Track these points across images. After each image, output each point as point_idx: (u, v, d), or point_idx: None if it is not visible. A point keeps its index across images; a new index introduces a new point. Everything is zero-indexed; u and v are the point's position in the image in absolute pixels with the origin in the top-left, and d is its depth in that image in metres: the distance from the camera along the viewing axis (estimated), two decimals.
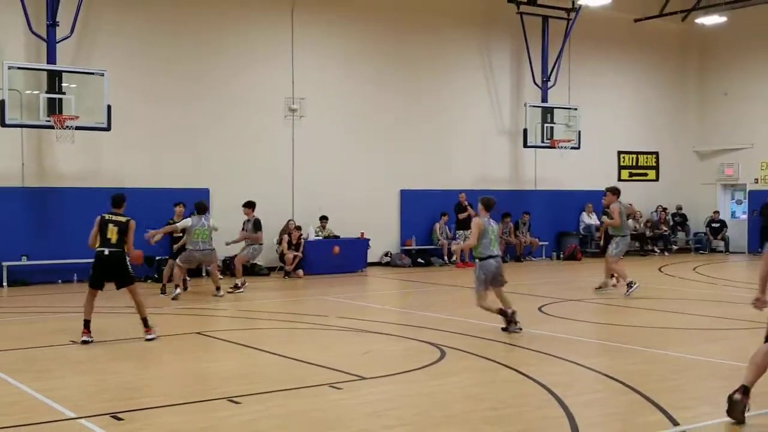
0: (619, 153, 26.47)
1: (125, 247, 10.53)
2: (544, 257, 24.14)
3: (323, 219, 20.41)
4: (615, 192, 15.94)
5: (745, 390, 6.96)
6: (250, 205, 16.78)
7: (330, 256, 19.78)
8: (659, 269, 20.99)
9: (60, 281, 17.86)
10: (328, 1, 21.22)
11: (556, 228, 24.64)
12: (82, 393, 8.18)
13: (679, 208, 27.02)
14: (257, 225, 16.72)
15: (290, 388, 8.10)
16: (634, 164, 26.81)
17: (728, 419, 6.91)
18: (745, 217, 26.79)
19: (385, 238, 22.04)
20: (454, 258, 21.91)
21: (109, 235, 10.44)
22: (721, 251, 26.89)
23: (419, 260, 22.03)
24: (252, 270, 18.97)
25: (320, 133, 21.04)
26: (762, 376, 7.16)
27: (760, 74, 26.10)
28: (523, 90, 24.18)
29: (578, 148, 23.88)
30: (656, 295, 16.26)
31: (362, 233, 20.62)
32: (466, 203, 21.83)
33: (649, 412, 7.31)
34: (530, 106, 23.42)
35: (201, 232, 15.12)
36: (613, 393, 8.11)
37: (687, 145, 27.62)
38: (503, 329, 11.36)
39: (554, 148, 23.63)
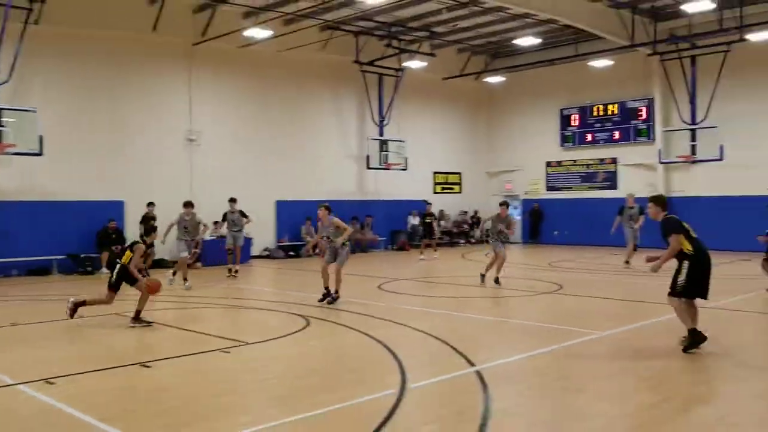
0: (435, 173, 26.94)
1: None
2: (382, 249, 24.38)
3: (216, 224, 19.76)
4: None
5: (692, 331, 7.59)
6: (190, 205, 14.35)
7: (222, 252, 19.16)
8: (462, 256, 21.56)
9: (2, 275, 16.50)
10: (218, 59, 20.60)
11: (391, 227, 24.92)
12: (17, 364, 7.56)
13: (476, 212, 27.96)
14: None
15: (190, 354, 7.79)
16: (445, 181, 27.32)
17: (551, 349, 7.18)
18: (519, 218, 28.03)
19: (264, 236, 21.62)
20: (318, 250, 21.77)
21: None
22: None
23: (290, 253, 21.75)
24: (160, 263, 18.11)
25: (214, 157, 20.43)
26: (697, 315, 7.71)
27: (528, 117, 27.15)
28: (365, 126, 24.31)
29: (405, 169, 24.23)
30: (462, 273, 16.80)
31: (247, 233, 20.07)
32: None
33: (455, 357, 7.50)
34: (371, 138, 23.60)
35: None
36: (431, 346, 8.26)
37: (480, 167, 28.39)
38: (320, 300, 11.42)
39: (388, 169, 23.89)
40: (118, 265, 9.84)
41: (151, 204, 17.54)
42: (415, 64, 23.41)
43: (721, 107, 21.20)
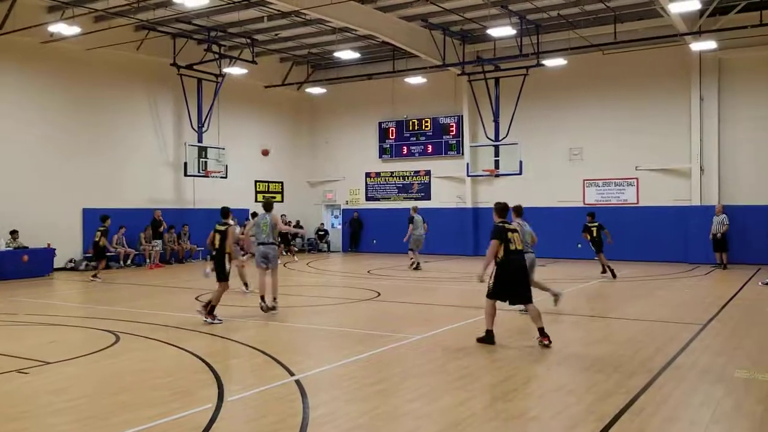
0: (256, 181, 26.65)
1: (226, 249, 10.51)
2: (200, 259, 23.55)
3: (13, 233, 17.91)
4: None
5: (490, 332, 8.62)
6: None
7: (20, 264, 17.42)
8: (284, 265, 21.46)
9: None
10: (21, 54, 18.72)
11: None
12: None
13: (299, 221, 28.03)
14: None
15: None
16: (266, 190, 27.10)
17: (335, 363, 7.29)
18: (340, 227, 28.59)
19: (70, 247, 19.93)
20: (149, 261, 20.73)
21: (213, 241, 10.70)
22: (324, 251, 28.38)
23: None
24: None
25: (12, 166, 18.48)
26: (495, 317, 8.78)
27: (349, 129, 27.78)
28: (183, 132, 23.42)
29: (225, 177, 23.68)
30: (283, 283, 16.74)
31: (48, 243, 18.45)
32: (161, 218, 21.39)
33: (274, 367, 7.45)
34: (189, 144, 22.74)
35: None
36: (251, 357, 8.13)
37: (302, 176, 28.57)
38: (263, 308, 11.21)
39: (208, 177, 23.21)
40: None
41: None
42: (235, 70, 23.02)
43: (521, 125, 23.24)
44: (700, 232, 20.48)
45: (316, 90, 26.71)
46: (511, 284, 8.46)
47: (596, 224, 16.87)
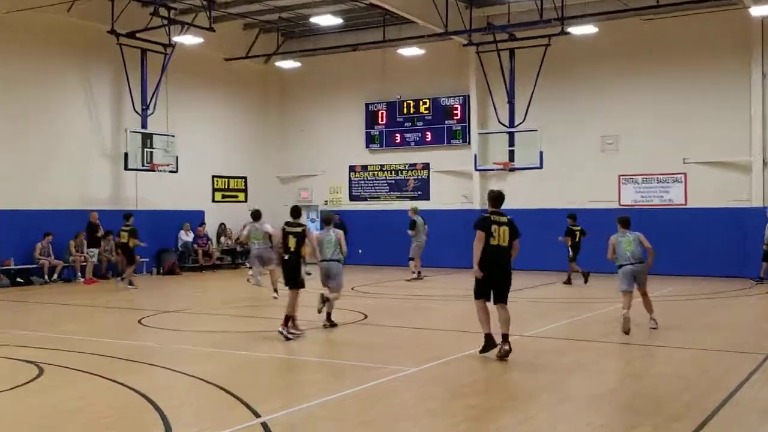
0: (213, 177, 26.61)
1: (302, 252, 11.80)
2: (144, 272, 23.44)
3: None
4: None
5: (491, 336, 9.62)
6: None
7: None
8: (247, 280, 21.38)
9: None
10: None
11: (156, 245, 24.03)
12: None
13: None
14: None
15: None
16: (226, 187, 27.09)
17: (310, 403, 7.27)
18: (317, 232, 28.39)
19: None
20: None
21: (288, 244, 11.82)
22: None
23: (18, 279, 20.12)
24: None
25: None
26: (490, 319, 9.66)
27: (327, 112, 27.75)
28: (124, 116, 23.32)
29: (176, 171, 23.60)
30: (251, 303, 16.70)
31: None
32: (98, 222, 21.42)
33: (236, 407, 7.41)
34: (131, 131, 22.64)
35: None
36: (205, 393, 8.09)
37: (271, 171, 28.55)
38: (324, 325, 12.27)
39: (154, 171, 23.13)
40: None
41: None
42: (189, 39, 22.95)
43: (541, 108, 23.27)
44: (762, 238, 20.61)
45: (288, 64, 26.67)
46: (490, 281, 9.64)
47: (579, 228, 19.44)
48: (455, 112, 25.63)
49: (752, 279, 19.76)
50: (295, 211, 12.59)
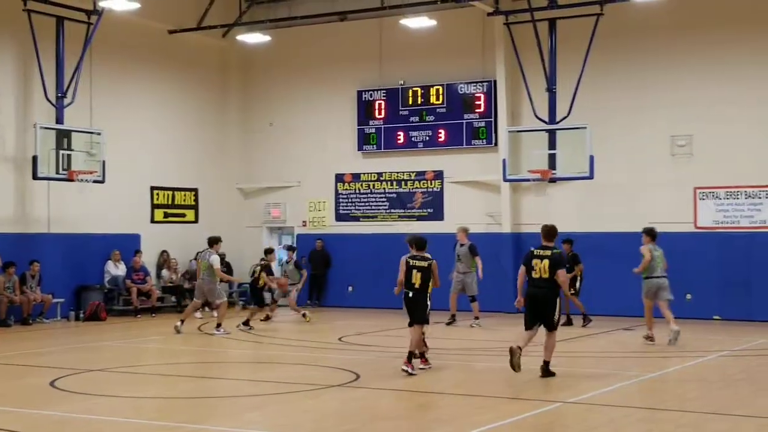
0: (153, 189, 26.56)
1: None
2: (59, 317, 23.39)
3: None
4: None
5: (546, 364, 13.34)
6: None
7: None
8: (198, 328, 21.39)
9: None
10: None
11: (76, 281, 24.03)
12: None
13: (222, 255, 27.73)
14: None
15: None
16: (170, 203, 27.03)
17: None
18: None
19: None
20: None
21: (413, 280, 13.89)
22: (267, 304, 28.13)
23: None
24: None
25: None
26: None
27: (305, 102, 27.79)
28: (32, 107, 23.34)
29: (103, 181, 23.54)
30: (198, 359, 16.72)
31: None
32: None
33: None
34: (41, 127, 22.65)
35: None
36: None
37: (230, 181, 28.55)
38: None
39: (73, 180, 23.09)
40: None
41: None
42: (120, 4, 22.99)
43: (591, 98, 23.31)
44: None
45: (253, 38, 26.72)
46: (528, 310, 13.56)
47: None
48: (477, 103, 25.66)
49: None
50: (421, 243, 14.18)
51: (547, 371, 13.27)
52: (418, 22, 24.57)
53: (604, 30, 22.79)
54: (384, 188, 27.01)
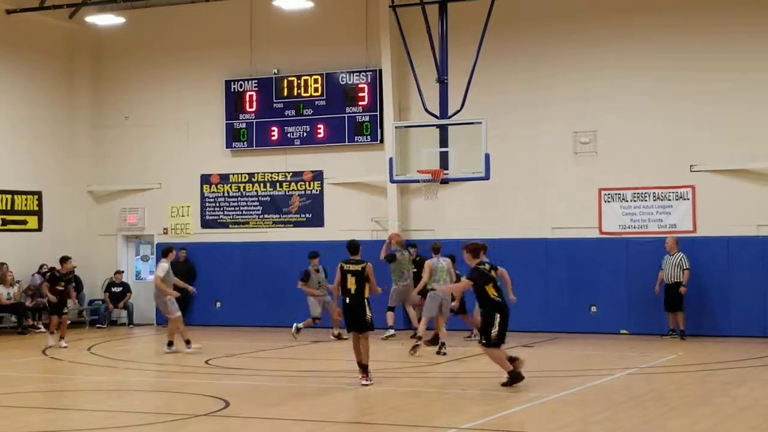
0: None
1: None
2: None
3: None
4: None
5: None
6: None
7: None
8: (43, 351, 20.94)
9: None
10: None
11: None
12: None
13: (72, 268, 27.00)
14: None
15: None
16: (9, 208, 26.57)
17: None
18: (151, 278, 27.72)
19: None
20: None
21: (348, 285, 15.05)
22: (123, 324, 27.62)
23: None
24: None
25: None
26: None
27: (166, 94, 27.68)
28: None
29: None
30: (41, 387, 16.40)
31: None
32: None
33: None
34: None
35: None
36: None
37: (79, 183, 28.20)
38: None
39: None
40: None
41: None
42: None
43: (487, 90, 23.49)
44: None
45: (104, 19, 26.46)
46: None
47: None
48: (361, 95, 25.84)
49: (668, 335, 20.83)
50: (354, 247, 15.49)
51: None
52: (294, 2, 24.54)
53: (500, 15, 22.79)
54: (256, 191, 26.99)
